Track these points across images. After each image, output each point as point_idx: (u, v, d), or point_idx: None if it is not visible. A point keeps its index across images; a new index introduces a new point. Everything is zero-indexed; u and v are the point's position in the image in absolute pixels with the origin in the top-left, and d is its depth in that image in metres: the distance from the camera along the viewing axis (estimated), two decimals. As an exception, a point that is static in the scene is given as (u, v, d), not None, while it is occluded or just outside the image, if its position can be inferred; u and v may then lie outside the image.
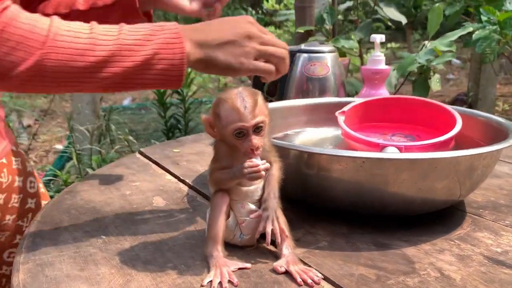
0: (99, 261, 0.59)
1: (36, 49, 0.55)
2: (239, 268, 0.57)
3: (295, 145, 0.70)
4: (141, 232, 0.67)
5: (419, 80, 1.28)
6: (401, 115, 0.96)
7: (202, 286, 0.53)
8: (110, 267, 0.57)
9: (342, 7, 1.71)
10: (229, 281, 0.54)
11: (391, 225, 0.69)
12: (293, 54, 1.09)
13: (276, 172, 0.61)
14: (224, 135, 0.57)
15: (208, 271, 0.56)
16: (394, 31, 6.03)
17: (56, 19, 0.58)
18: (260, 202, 0.61)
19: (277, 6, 3.81)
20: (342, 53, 1.40)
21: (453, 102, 3.22)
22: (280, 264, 0.56)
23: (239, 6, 8.26)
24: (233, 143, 0.57)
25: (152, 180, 0.89)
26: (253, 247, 0.62)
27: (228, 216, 0.61)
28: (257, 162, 0.56)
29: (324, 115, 0.98)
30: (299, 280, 0.53)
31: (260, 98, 0.58)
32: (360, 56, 1.63)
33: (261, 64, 0.65)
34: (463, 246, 0.64)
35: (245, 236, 0.62)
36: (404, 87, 1.58)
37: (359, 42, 1.57)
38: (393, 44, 3.95)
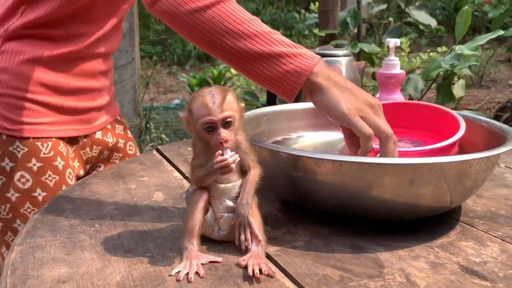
0: (86, 247, 0.64)
1: None
2: (210, 262, 0.60)
3: (277, 146, 0.72)
4: (132, 223, 0.72)
5: (443, 85, 1.25)
6: (409, 120, 0.95)
7: (170, 275, 0.57)
8: (93, 253, 0.62)
9: (375, 10, 1.69)
10: (196, 273, 0.57)
11: (376, 230, 0.69)
12: None
13: (252, 178, 0.63)
14: (196, 130, 0.60)
15: (180, 262, 0.59)
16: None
17: None
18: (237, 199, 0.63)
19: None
20: (369, 57, 1.39)
21: (501, 109, 3.06)
22: (244, 259, 0.59)
23: (293, 8, 8.28)
24: (205, 138, 0.60)
25: (160, 176, 0.94)
26: (231, 242, 0.65)
27: (207, 212, 0.64)
28: (225, 156, 0.58)
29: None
30: (249, 270, 0.56)
31: (230, 95, 0.60)
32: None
33: (363, 123, 0.66)
34: (440, 254, 0.63)
35: (223, 231, 0.64)
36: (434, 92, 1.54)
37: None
38: (444, 48, 3.82)
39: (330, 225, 0.71)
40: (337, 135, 0.97)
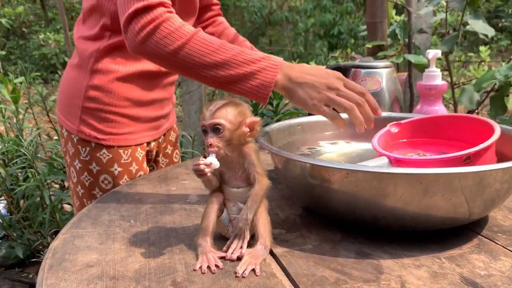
0: (118, 239, 0.73)
1: (184, 36, 0.78)
2: (221, 257, 0.66)
3: (292, 154, 0.76)
4: (162, 221, 0.80)
5: (496, 97, 1.20)
6: (461, 133, 0.92)
7: (194, 270, 0.63)
8: (122, 244, 0.71)
9: (433, 20, 1.64)
10: (216, 265, 0.63)
11: (387, 239, 0.70)
12: (347, 70, 1.12)
13: (255, 193, 0.66)
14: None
15: (196, 257, 0.66)
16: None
17: (199, 28, 0.82)
18: None
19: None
20: (422, 67, 1.37)
21: None
22: (243, 253, 0.64)
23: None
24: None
25: (199, 180, 1.01)
26: (244, 242, 0.70)
27: (222, 213, 0.70)
28: (203, 161, 0.64)
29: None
30: (238, 268, 0.62)
31: (231, 107, 0.66)
32: (448, 70, 1.55)
33: (326, 110, 0.80)
34: (446, 265, 0.63)
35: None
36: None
37: (446, 56, 1.50)
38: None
39: (343, 232, 0.74)
40: (368, 146, 0.98)
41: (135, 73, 1.02)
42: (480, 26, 1.37)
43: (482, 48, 3.45)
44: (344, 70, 1.11)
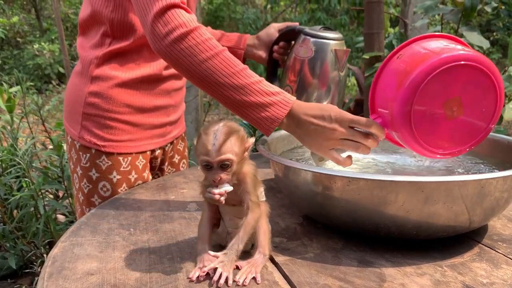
0: (118, 247, 0.72)
1: (210, 50, 0.78)
2: (221, 264, 0.65)
3: (295, 163, 0.76)
4: (162, 229, 0.79)
5: (491, 107, 1.21)
6: None
7: (191, 280, 0.62)
8: (122, 252, 0.70)
9: (428, 32, 1.67)
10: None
11: (389, 247, 0.70)
12: (299, 33, 1.12)
13: (247, 223, 0.64)
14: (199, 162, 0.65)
15: (195, 265, 0.65)
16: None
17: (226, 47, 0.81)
18: None
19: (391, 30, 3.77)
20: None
21: None
22: (241, 264, 0.64)
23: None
24: (203, 172, 0.65)
25: (198, 189, 1.01)
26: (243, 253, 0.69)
27: (217, 221, 0.70)
28: (215, 190, 0.63)
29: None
30: (237, 276, 0.61)
31: (234, 137, 0.63)
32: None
33: (333, 155, 0.77)
34: (448, 273, 0.63)
35: (235, 244, 0.69)
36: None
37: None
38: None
39: (345, 240, 0.73)
40: (369, 156, 0.99)
41: (136, 79, 1.01)
42: (475, 38, 1.39)
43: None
44: (297, 33, 1.10)
